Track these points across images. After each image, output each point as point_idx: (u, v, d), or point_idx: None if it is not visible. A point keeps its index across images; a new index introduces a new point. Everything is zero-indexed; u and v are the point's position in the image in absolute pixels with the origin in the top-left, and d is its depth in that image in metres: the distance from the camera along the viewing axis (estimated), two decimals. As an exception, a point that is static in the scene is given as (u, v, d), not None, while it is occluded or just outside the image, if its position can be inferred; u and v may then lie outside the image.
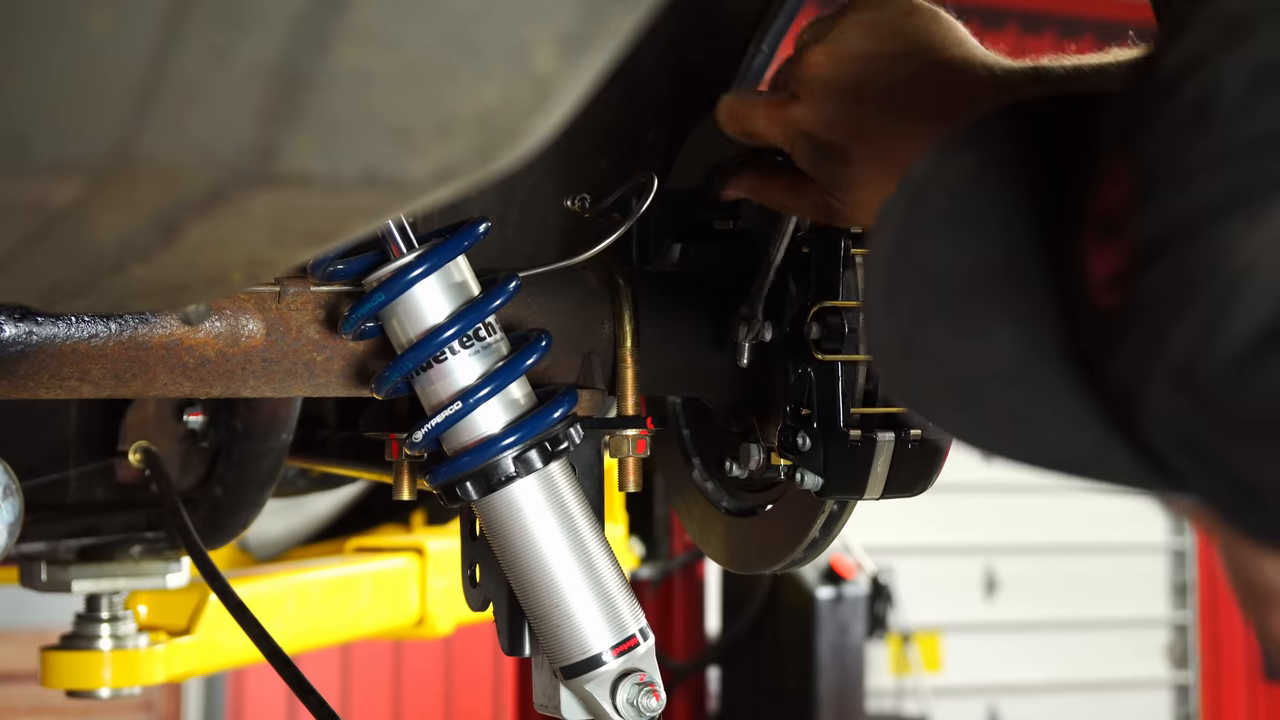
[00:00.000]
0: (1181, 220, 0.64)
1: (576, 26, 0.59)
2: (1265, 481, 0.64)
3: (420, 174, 0.65)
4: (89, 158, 0.61)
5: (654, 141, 1.77)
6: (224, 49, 0.56)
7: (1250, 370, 0.62)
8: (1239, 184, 0.62)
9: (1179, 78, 0.65)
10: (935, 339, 0.76)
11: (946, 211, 0.78)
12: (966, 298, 0.76)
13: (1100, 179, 0.70)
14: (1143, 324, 0.66)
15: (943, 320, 0.76)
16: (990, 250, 0.76)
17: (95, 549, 2.12)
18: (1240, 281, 0.62)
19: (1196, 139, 0.64)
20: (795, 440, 1.40)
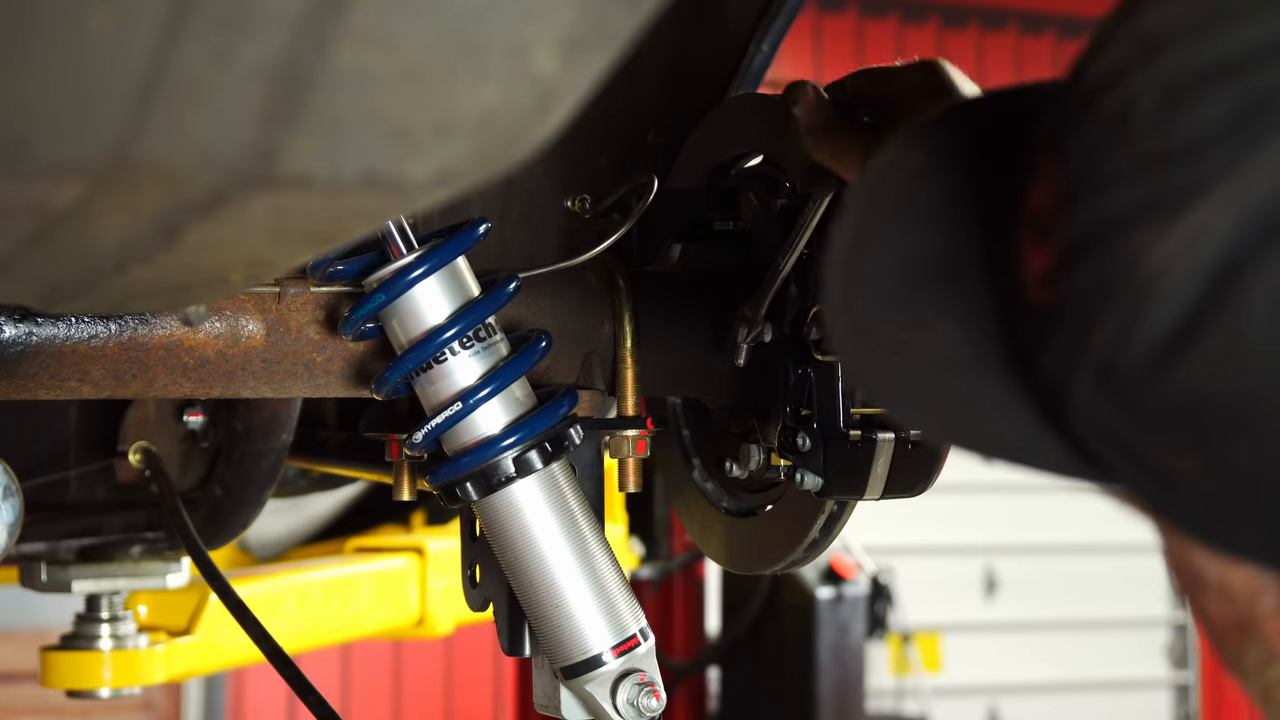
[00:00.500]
0: (1101, 224, 0.68)
1: (577, 28, 0.59)
2: (1178, 472, 0.68)
3: (420, 175, 0.65)
4: (89, 159, 0.61)
5: (654, 142, 1.77)
6: (225, 50, 0.56)
7: (1161, 369, 0.66)
8: (1151, 193, 0.66)
9: (1099, 90, 0.69)
10: (887, 332, 0.80)
11: (895, 210, 0.82)
12: (913, 292, 0.80)
13: (1032, 180, 0.73)
14: (1069, 321, 0.70)
15: (893, 314, 0.80)
16: (934, 246, 0.80)
17: (95, 549, 2.11)
18: (1151, 286, 0.66)
19: (1114, 149, 0.68)
20: (795, 441, 1.40)
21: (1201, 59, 0.66)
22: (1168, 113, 0.66)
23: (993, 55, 7.85)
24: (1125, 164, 0.67)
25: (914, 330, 0.79)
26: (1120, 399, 0.69)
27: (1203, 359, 0.65)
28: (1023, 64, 7.89)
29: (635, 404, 1.47)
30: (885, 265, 0.81)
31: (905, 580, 6.81)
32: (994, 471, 2.97)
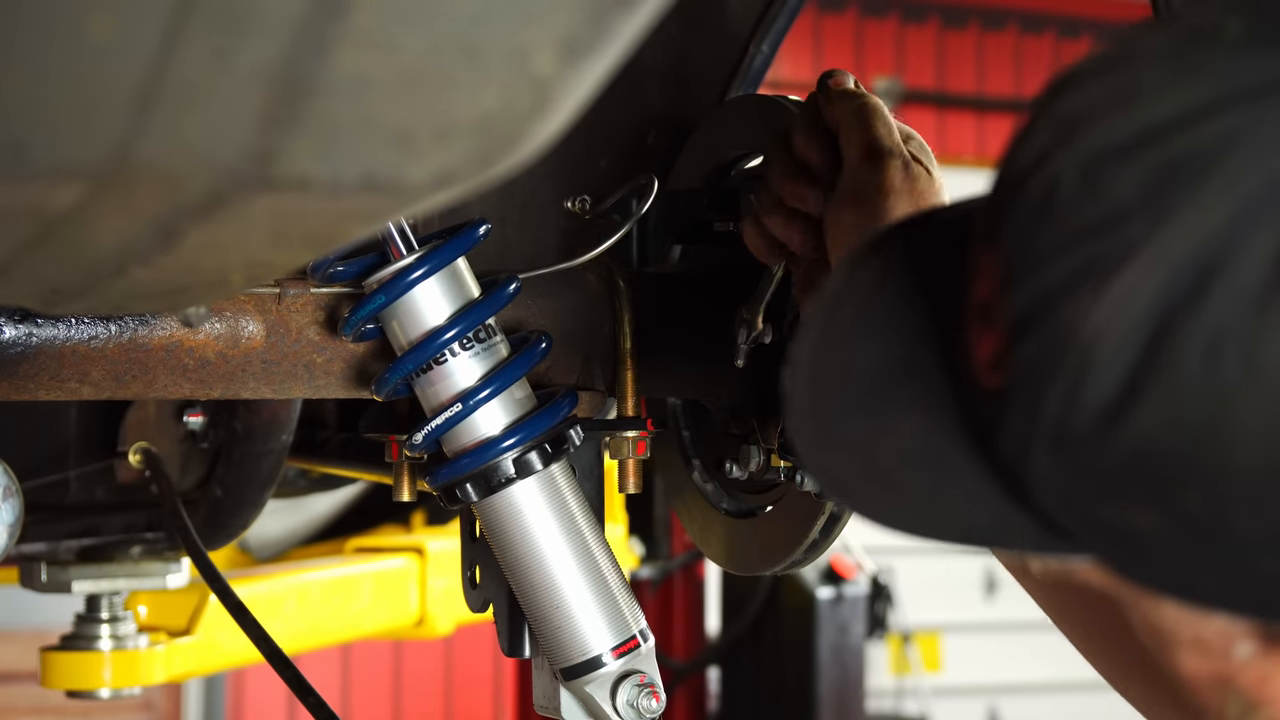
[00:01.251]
0: (1038, 300, 0.72)
1: (577, 30, 0.59)
2: (1138, 528, 0.71)
3: (420, 178, 0.65)
4: (88, 162, 0.61)
5: (654, 143, 1.77)
6: (224, 53, 0.56)
7: (1107, 430, 0.69)
8: (1081, 264, 0.70)
9: (1026, 175, 0.73)
10: (852, 431, 0.84)
11: (856, 319, 0.87)
12: (876, 392, 0.84)
13: (975, 271, 0.77)
14: (1018, 397, 0.73)
15: (858, 416, 0.84)
16: (893, 350, 0.84)
17: (95, 549, 2.11)
18: (1091, 350, 0.69)
19: (1043, 228, 0.72)
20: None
21: (1113, 136, 0.70)
22: (1088, 188, 0.70)
23: (993, 55, 7.85)
24: (1055, 241, 0.71)
25: (878, 429, 0.83)
26: (1074, 464, 0.72)
27: (1146, 415, 0.68)
28: (1023, 64, 7.89)
29: (635, 405, 1.47)
30: (847, 370, 0.85)
31: (905, 580, 6.80)
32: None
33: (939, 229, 0.90)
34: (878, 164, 1.26)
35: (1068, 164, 0.71)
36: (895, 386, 0.83)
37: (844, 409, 0.84)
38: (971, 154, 7.71)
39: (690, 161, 1.65)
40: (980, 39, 7.85)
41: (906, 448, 0.81)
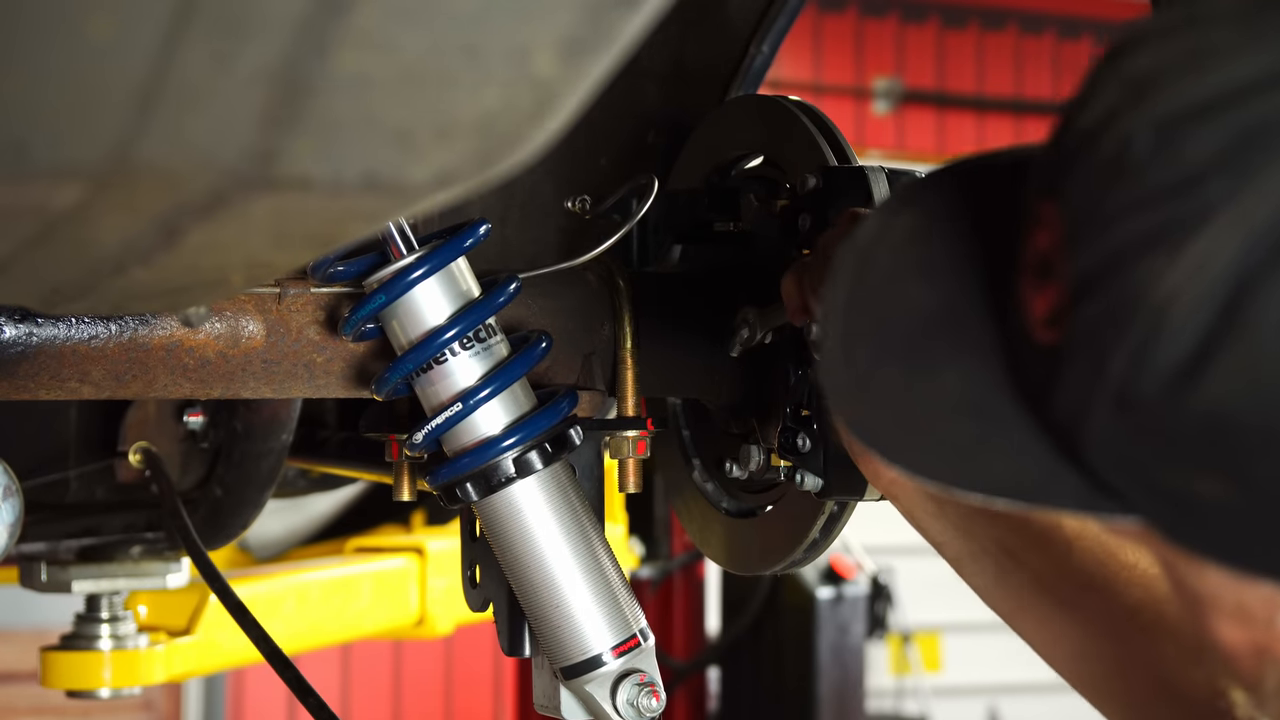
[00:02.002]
0: (1107, 260, 0.71)
1: (577, 30, 0.59)
2: (1199, 494, 0.70)
3: (421, 178, 0.65)
4: (89, 162, 0.61)
5: (654, 143, 1.77)
6: (225, 54, 0.56)
7: (1178, 393, 0.69)
8: (1156, 225, 0.69)
9: (1095, 133, 0.73)
10: (889, 380, 0.83)
11: (892, 267, 0.85)
12: (916, 342, 0.83)
13: (1032, 226, 0.77)
14: (1080, 355, 0.73)
15: (895, 363, 0.83)
16: (934, 298, 0.84)
17: (95, 549, 2.11)
18: (1164, 312, 0.69)
19: (1115, 187, 0.71)
20: (795, 441, 1.40)
21: (1187, 99, 0.69)
22: (1162, 150, 0.70)
23: (992, 55, 7.85)
24: (1127, 200, 0.70)
25: (917, 378, 0.82)
26: (1138, 425, 0.71)
27: (1220, 380, 0.68)
28: (1023, 64, 7.89)
29: (635, 404, 1.47)
30: (884, 319, 0.84)
31: (905, 580, 6.80)
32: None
33: (976, 178, 0.89)
34: None
35: (1139, 124, 0.70)
36: (934, 335, 0.82)
37: (879, 356, 0.83)
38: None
39: (690, 161, 1.66)
40: (980, 39, 7.85)
41: (947, 398, 0.80)
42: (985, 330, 0.80)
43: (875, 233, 0.87)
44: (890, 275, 0.85)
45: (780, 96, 1.53)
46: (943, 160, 1.32)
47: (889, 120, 7.68)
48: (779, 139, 1.51)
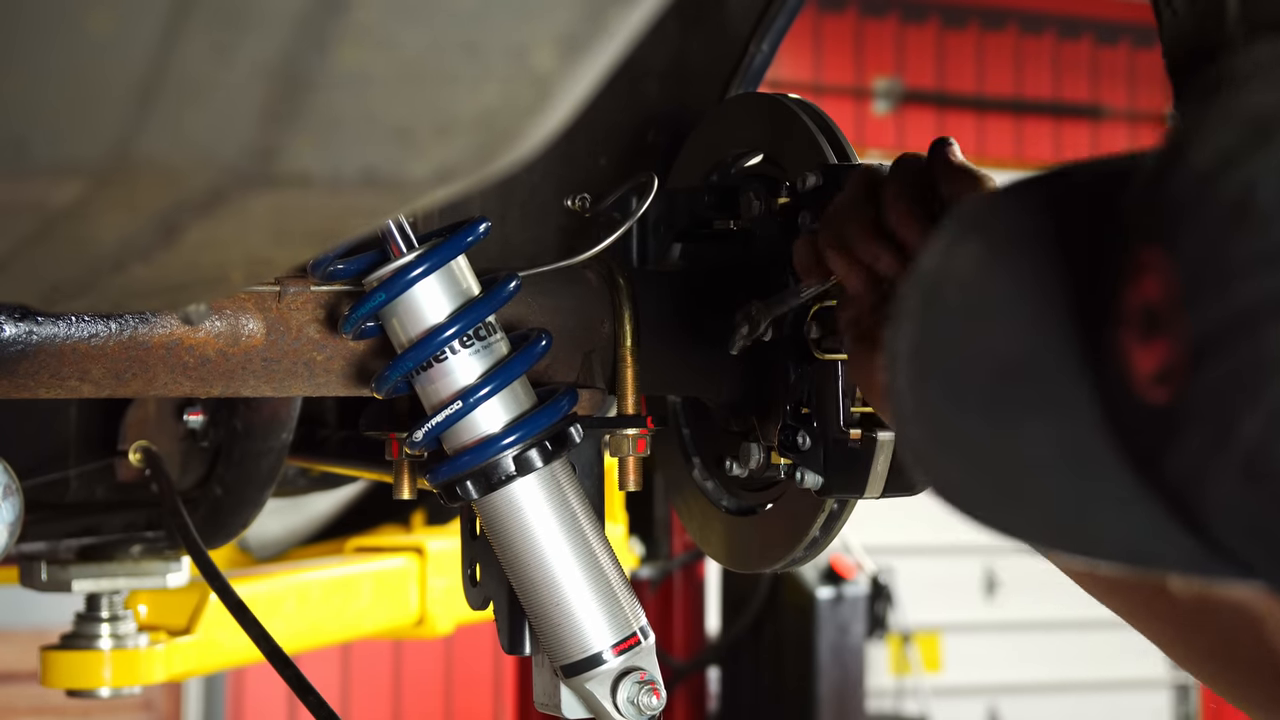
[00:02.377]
0: (1234, 318, 0.66)
1: (577, 26, 0.59)
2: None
3: (420, 174, 0.65)
4: (88, 159, 0.61)
5: (654, 141, 1.77)
6: (225, 49, 0.56)
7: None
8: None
9: (1211, 175, 0.67)
10: (969, 433, 0.77)
11: (962, 305, 0.79)
12: (997, 391, 0.77)
13: (1133, 272, 0.71)
14: (1200, 420, 0.68)
15: (974, 415, 0.77)
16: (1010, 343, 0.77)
17: (95, 549, 2.11)
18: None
19: (1238, 238, 0.66)
20: (795, 439, 1.40)
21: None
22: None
23: (993, 55, 7.86)
24: (1255, 253, 0.66)
25: (1001, 431, 0.76)
26: (1273, 496, 0.67)
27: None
28: (1023, 64, 7.90)
29: (635, 402, 1.47)
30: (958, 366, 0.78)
31: (905, 580, 6.80)
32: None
33: (1048, 199, 0.83)
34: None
35: (1265, 169, 0.66)
36: (1017, 384, 0.77)
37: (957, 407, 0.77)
38: (971, 154, 7.69)
39: (690, 160, 1.66)
40: (980, 39, 7.85)
41: (1038, 453, 0.75)
42: (1075, 380, 0.75)
43: (939, 264, 0.81)
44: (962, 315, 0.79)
45: (780, 94, 1.53)
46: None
47: (889, 120, 7.69)
48: (779, 137, 1.51)
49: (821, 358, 1.38)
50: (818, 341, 1.38)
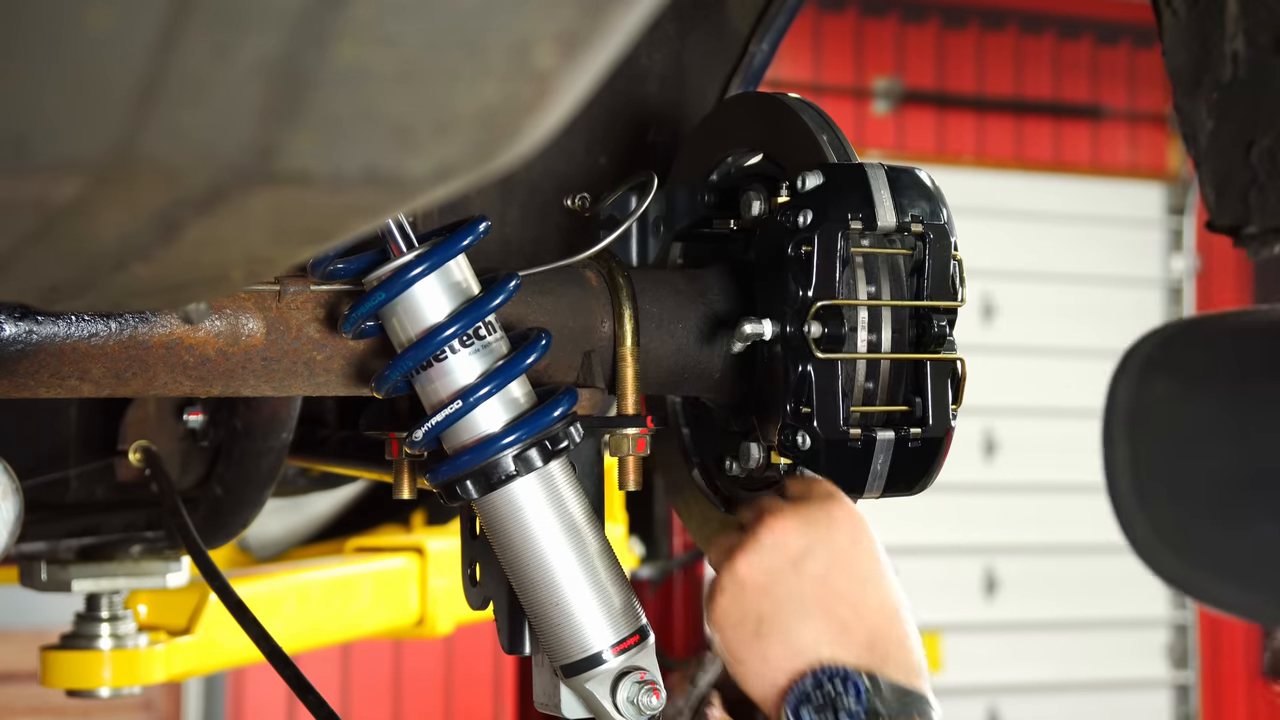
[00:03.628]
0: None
1: (576, 24, 0.59)
2: None
3: (420, 172, 0.65)
4: (89, 157, 0.61)
5: (654, 141, 1.77)
6: (225, 47, 0.56)
7: None
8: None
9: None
10: (1203, 536, 0.92)
11: (1171, 430, 0.94)
12: (1225, 497, 0.91)
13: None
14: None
15: (1207, 519, 0.91)
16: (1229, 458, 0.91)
17: (95, 549, 2.12)
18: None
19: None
20: (795, 439, 1.40)
21: None
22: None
23: (993, 55, 7.85)
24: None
25: (1237, 529, 0.90)
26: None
27: None
28: (1023, 64, 7.89)
29: (635, 402, 1.47)
30: (1181, 480, 0.93)
31: (905, 580, 6.79)
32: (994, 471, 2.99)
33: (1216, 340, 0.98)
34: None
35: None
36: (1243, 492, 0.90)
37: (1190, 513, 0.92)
38: (971, 154, 7.71)
39: (690, 159, 1.66)
40: (980, 39, 7.85)
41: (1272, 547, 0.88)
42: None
43: (1133, 393, 0.95)
44: (1171, 437, 0.94)
45: (780, 94, 1.53)
46: (943, 161, 1.32)
47: (889, 120, 7.69)
48: (779, 137, 1.51)
49: (821, 357, 1.38)
50: (818, 340, 1.38)
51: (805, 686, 1.25)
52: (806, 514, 1.30)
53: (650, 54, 1.75)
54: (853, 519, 1.31)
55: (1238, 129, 1.14)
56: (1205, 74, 1.16)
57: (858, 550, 1.29)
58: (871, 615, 1.27)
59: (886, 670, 1.25)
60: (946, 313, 1.41)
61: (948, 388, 1.42)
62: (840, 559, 1.28)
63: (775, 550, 1.28)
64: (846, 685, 1.23)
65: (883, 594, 1.28)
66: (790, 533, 1.28)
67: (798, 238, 1.40)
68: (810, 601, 1.27)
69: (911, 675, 1.26)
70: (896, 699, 1.23)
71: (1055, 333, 7.59)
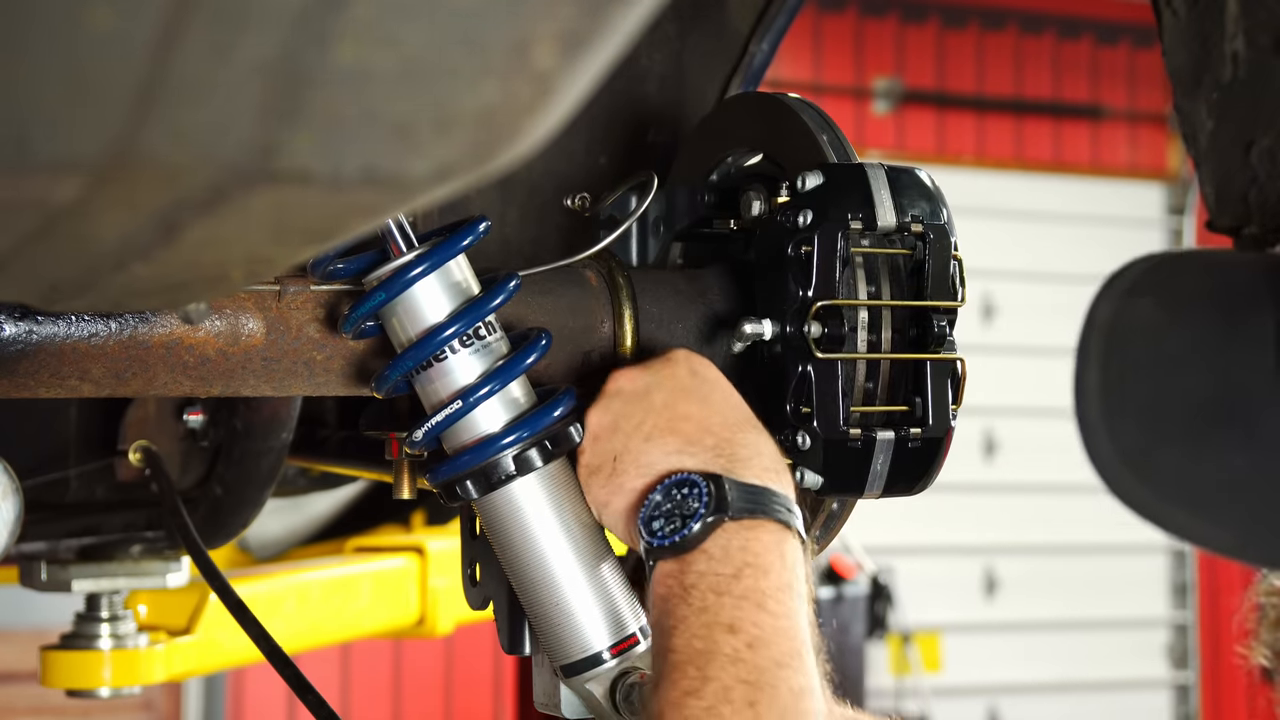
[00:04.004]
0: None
1: (576, 24, 0.59)
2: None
3: (420, 171, 0.65)
4: (89, 156, 0.61)
5: (654, 141, 1.77)
6: (225, 46, 0.56)
7: None
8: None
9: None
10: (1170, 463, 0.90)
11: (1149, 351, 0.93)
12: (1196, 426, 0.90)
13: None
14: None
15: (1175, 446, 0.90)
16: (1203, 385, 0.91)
17: (95, 549, 2.12)
18: None
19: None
20: (795, 439, 1.40)
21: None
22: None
23: (993, 55, 7.86)
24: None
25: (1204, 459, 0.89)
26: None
27: None
28: (1022, 64, 7.90)
29: (635, 402, 1.47)
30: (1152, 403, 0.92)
31: (905, 580, 6.80)
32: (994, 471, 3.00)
33: (1204, 270, 0.97)
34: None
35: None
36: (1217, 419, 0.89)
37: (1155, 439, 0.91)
38: (971, 154, 7.71)
39: (690, 159, 1.66)
40: (980, 39, 7.85)
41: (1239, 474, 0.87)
42: (1271, 420, 0.86)
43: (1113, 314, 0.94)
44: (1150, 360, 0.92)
45: (780, 94, 1.53)
46: (943, 161, 1.33)
47: (889, 120, 7.69)
48: (779, 137, 1.51)
49: (821, 356, 1.38)
50: (818, 340, 1.38)
51: (654, 498, 1.27)
52: (646, 363, 1.35)
53: (650, 54, 1.75)
54: (691, 359, 1.34)
55: (1238, 129, 1.15)
56: (1205, 74, 1.16)
57: (698, 379, 1.32)
58: (717, 427, 1.29)
59: (734, 470, 1.26)
60: (946, 313, 1.41)
61: (948, 388, 1.42)
62: (681, 388, 1.31)
63: (618, 395, 1.33)
64: (691, 489, 1.25)
65: (727, 410, 1.31)
66: (631, 378, 1.33)
67: (798, 238, 1.40)
68: (656, 427, 1.30)
69: (764, 475, 1.27)
70: (744, 496, 1.24)
71: (1055, 333, 7.59)
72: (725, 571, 1.20)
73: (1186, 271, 0.98)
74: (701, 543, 1.22)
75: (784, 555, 1.23)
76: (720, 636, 1.16)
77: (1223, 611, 7.93)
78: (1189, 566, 7.98)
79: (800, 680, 1.16)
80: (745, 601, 1.18)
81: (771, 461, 1.29)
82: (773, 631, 1.17)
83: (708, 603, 1.19)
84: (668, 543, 1.23)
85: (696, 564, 1.21)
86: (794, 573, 1.23)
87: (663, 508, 1.26)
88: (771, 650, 1.16)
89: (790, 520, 1.25)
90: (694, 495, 1.24)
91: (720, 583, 1.20)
